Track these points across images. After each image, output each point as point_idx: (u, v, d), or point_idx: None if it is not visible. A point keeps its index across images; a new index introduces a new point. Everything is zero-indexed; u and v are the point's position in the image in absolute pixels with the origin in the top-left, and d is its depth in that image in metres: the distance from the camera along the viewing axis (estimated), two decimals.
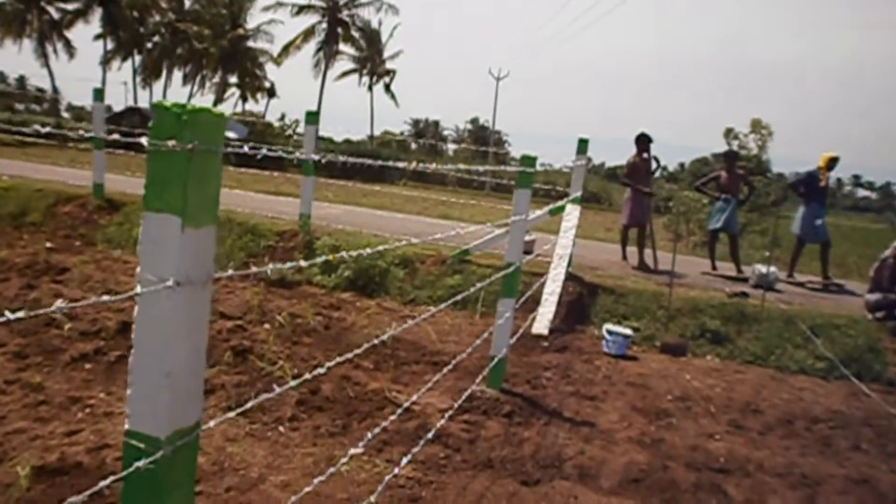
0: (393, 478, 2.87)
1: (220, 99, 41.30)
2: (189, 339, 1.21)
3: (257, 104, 45.29)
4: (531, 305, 5.73)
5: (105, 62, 38.60)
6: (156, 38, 40.28)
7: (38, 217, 7.89)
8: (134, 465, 1.14)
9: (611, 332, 5.72)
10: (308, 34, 40.94)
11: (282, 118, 37.42)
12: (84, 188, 8.47)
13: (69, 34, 38.18)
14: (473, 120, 68.39)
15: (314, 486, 2.27)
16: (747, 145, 20.42)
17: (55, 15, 37.59)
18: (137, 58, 40.39)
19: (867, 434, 4.41)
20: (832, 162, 8.46)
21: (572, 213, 7.12)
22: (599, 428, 3.98)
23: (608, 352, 5.63)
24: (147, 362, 1.18)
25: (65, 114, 45.62)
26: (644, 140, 8.40)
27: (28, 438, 2.91)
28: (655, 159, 8.46)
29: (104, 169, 8.25)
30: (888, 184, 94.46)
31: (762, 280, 7.41)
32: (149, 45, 40.34)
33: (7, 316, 0.96)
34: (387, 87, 45.90)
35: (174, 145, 1.10)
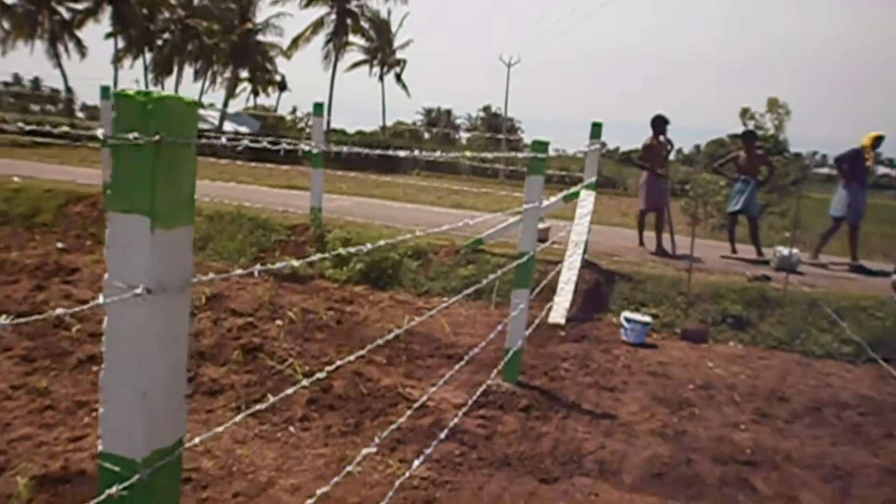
0: (407, 479, 2.77)
1: (232, 94, 41.29)
2: (166, 353, 1.10)
3: (269, 98, 45.25)
4: (547, 294, 5.60)
5: (116, 61, 38.65)
6: (166, 35, 40.28)
7: (50, 217, 7.87)
8: (106, 493, 1.03)
9: (629, 320, 5.58)
10: (317, 26, 40.73)
11: (293, 111, 37.37)
12: (95, 187, 8.45)
13: (80, 34, 38.34)
14: (486, 107, 67.74)
15: (325, 490, 2.18)
16: (764, 125, 20.08)
17: (66, 15, 37.70)
18: (148, 55, 40.46)
19: None
20: (877, 140, 8.18)
21: (587, 199, 6.97)
22: (620, 420, 3.85)
23: (627, 340, 5.48)
24: (119, 379, 1.07)
25: (79, 114, 45.80)
26: (660, 122, 8.21)
27: (33, 445, 2.86)
28: (669, 142, 8.28)
29: None
30: None
31: (784, 262, 7.22)
32: (159, 43, 40.37)
33: (3, 322, 0.88)
34: (398, 77, 45.68)
35: (137, 138, 0.98)
